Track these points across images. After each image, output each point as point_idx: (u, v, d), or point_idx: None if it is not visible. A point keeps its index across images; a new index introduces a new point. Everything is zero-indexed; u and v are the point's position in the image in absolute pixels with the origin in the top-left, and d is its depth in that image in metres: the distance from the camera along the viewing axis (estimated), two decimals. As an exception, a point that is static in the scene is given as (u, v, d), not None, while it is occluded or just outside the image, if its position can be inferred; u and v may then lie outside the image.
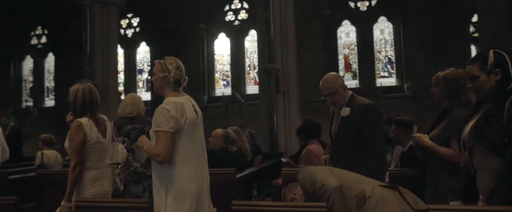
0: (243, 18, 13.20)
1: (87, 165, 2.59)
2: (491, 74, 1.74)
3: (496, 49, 1.77)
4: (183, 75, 2.40)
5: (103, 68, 7.84)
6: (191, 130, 2.32)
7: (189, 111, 2.33)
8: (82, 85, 2.70)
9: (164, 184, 2.26)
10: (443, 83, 2.37)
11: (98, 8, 7.76)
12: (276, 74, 7.42)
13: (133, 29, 14.16)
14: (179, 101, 2.31)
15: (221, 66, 13.46)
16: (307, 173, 2.20)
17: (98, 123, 2.65)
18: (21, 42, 14.61)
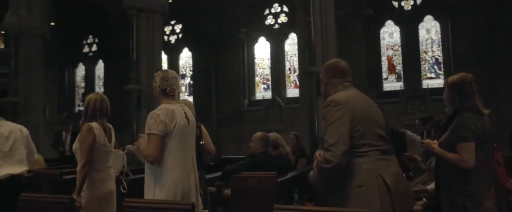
0: (282, 21, 13.19)
1: (94, 166, 2.85)
2: None
3: None
4: (170, 85, 2.59)
5: (149, 74, 8.15)
6: (180, 135, 2.51)
7: (179, 117, 2.52)
8: (95, 95, 3.05)
9: (153, 183, 2.49)
10: (448, 88, 2.38)
11: (144, 16, 8.11)
12: (317, 77, 7.33)
13: (176, 36, 14.62)
14: (170, 108, 2.52)
15: (261, 70, 13.52)
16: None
17: (105, 129, 2.95)
18: (74, 51, 15.62)
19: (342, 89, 2.14)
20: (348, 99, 2.03)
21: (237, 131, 11.99)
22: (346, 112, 1.96)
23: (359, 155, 1.94)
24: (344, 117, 1.95)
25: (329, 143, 1.91)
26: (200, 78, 13.58)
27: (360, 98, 2.11)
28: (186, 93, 14.32)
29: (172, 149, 2.47)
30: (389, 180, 1.91)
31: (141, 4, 8.02)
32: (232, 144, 11.82)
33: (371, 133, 1.99)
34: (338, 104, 1.99)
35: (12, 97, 9.75)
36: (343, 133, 1.92)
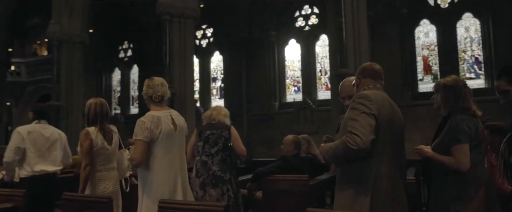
0: (313, 23, 13.09)
1: (95, 167, 3.03)
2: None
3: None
4: (154, 92, 2.76)
5: (181, 78, 8.34)
6: (166, 140, 2.66)
7: (165, 123, 2.68)
8: (95, 99, 3.17)
9: (142, 185, 2.68)
10: (443, 89, 2.38)
11: (176, 22, 8.30)
12: (349, 79, 7.22)
13: (207, 39, 14.86)
14: (156, 115, 2.69)
15: (292, 72, 13.47)
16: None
17: (105, 132, 3.08)
18: (111, 56, 16.27)
19: (374, 89, 2.21)
20: (378, 99, 2.08)
21: (268, 134, 12.00)
22: (376, 108, 2.01)
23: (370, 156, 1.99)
24: (373, 112, 2.00)
25: (358, 129, 1.95)
26: (231, 82, 13.71)
27: (387, 102, 2.15)
28: (217, 97, 14.50)
29: (158, 154, 2.63)
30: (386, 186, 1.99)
31: (173, 10, 8.21)
32: (263, 147, 11.84)
33: (388, 137, 2.04)
34: (370, 100, 2.03)
35: (54, 101, 10.27)
36: (371, 123, 1.97)
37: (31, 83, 17.04)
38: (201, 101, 14.11)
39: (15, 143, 3.51)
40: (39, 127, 3.67)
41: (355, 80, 2.33)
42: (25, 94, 17.12)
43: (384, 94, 2.19)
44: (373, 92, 2.13)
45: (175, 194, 2.67)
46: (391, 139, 2.06)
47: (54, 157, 3.69)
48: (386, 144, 2.03)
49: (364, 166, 2.00)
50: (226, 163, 3.47)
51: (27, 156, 3.51)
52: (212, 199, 3.35)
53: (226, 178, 3.40)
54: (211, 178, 3.39)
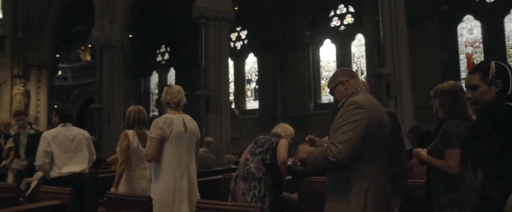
0: (349, 22, 12.84)
1: (130, 166, 3.30)
2: (492, 85, 1.73)
3: (498, 61, 1.75)
4: (172, 98, 3.06)
5: (216, 80, 8.45)
6: (176, 140, 2.94)
7: (176, 125, 2.96)
8: (135, 107, 3.53)
9: (154, 176, 2.98)
10: (440, 95, 2.40)
11: (211, 25, 8.43)
12: (387, 79, 6.99)
13: (241, 42, 14.99)
14: (169, 117, 2.99)
15: (327, 73, 13.27)
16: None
17: (141, 136, 3.38)
18: (149, 60, 16.82)
19: (362, 92, 2.11)
20: (370, 105, 1.99)
21: (303, 135, 11.68)
22: (366, 116, 1.93)
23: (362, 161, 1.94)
24: (363, 121, 1.92)
25: (340, 140, 1.90)
26: (266, 83, 13.73)
27: (378, 107, 2.07)
28: (252, 98, 14.58)
29: (168, 151, 2.93)
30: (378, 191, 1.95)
31: (209, 13, 8.35)
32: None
33: (379, 143, 1.99)
34: (360, 107, 1.94)
35: (97, 104, 10.75)
36: (356, 135, 1.90)
37: (76, 87, 17.97)
38: (235, 103, 14.25)
39: (42, 147, 3.70)
40: (64, 129, 3.83)
41: (338, 86, 2.18)
42: (71, 97, 18.09)
43: (374, 98, 2.13)
44: (365, 98, 2.03)
45: (180, 188, 2.91)
46: (382, 144, 2.00)
47: (81, 157, 3.86)
48: (377, 150, 1.97)
49: (354, 171, 1.93)
50: (264, 164, 3.55)
51: (54, 159, 3.70)
52: (239, 191, 3.44)
53: (257, 176, 3.46)
54: (244, 172, 3.51)
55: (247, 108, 14.29)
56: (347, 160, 1.89)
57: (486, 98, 1.74)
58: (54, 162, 3.70)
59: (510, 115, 1.59)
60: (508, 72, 1.73)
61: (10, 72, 12.08)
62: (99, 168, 6.09)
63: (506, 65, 1.75)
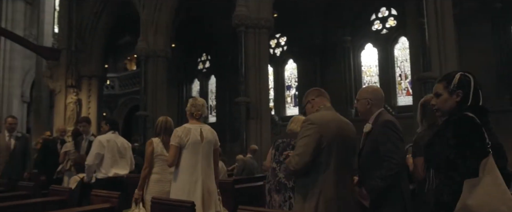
0: (391, 25, 12.46)
1: (153, 170, 3.59)
2: (453, 95, 1.83)
3: (464, 72, 1.86)
4: (196, 110, 3.37)
5: (256, 87, 8.50)
6: (192, 148, 3.25)
7: (193, 134, 3.27)
8: (163, 118, 3.85)
9: (173, 179, 3.30)
10: (419, 107, 2.65)
11: (251, 32, 8.51)
12: (434, 82, 6.68)
13: (281, 48, 15.01)
14: (188, 127, 3.31)
15: (369, 78, 12.94)
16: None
17: (165, 143, 3.63)
18: (190, 68, 17.30)
19: (322, 110, 2.49)
20: (322, 121, 2.35)
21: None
22: (317, 131, 2.29)
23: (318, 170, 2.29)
24: (314, 135, 2.28)
25: (296, 152, 2.31)
26: (306, 89, 13.41)
27: (333, 122, 2.39)
28: (292, 105, 14.51)
29: (185, 157, 3.24)
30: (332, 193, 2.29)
31: (248, 21, 8.45)
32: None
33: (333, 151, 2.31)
34: (312, 123, 2.32)
35: (142, 111, 11.20)
36: (309, 147, 2.27)
37: (123, 95, 18.86)
38: (276, 110, 14.25)
39: (96, 149, 4.09)
40: (114, 136, 4.27)
41: (307, 104, 2.61)
42: (118, 105, 19.00)
43: (331, 114, 2.46)
44: (319, 115, 2.42)
45: (195, 191, 3.19)
46: (337, 152, 2.32)
47: (124, 163, 4.29)
48: (331, 157, 2.31)
49: (311, 178, 2.31)
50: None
51: (104, 161, 4.10)
52: (276, 204, 3.41)
53: (289, 186, 3.40)
54: (276, 184, 3.47)
55: (287, 114, 14.25)
56: (304, 169, 2.27)
57: (447, 106, 1.85)
58: (103, 164, 4.10)
59: (466, 125, 1.69)
60: (471, 84, 1.82)
61: (65, 83, 12.90)
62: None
63: (472, 78, 1.84)
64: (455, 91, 1.82)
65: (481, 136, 1.64)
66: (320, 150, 2.28)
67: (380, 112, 2.46)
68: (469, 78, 1.84)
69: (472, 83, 1.82)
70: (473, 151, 1.63)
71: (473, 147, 1.64)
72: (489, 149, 1.62)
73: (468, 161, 1.63)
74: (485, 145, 1.63)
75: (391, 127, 2.33)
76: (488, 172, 1.58)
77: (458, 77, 1.84)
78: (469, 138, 1.66)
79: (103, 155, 4.10)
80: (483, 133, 1.65)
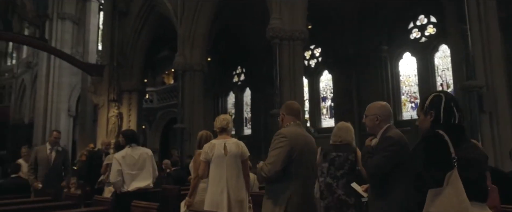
0: (430, 33, 12.05)
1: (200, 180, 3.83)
2: (427, 115, 1.98)
3: (439, 93, 2.01)
4: (216, 126, 3.69)
5: (291, 98, 8.44)
6: (217, 161, 3.52)
7: (217, 149, 3.54)
8: (204, 132, 4.16)
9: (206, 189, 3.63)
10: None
11: (285, 44, 8.53)
12: (479, 92, 6.34)
13: (315, 59, 14.91)
14: (213, 142, 3.62)
15: (408, 88, 12.52)
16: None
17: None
18: (226, 81, 17.56)
19: (292, 126, 2.81)
20: (292, 135, 2.69)
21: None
22: (288, 144, 2.63)
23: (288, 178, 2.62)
24: (285, 147, 2.62)
25: (269, 161, 2.63)
26: (341, 100, 13.40)
27: (302, 137, 2.76)
28: (327, 116, 14.30)
29: (212, 170, 3.54)
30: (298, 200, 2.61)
31: (283, 33, 8.48)
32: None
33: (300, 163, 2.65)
34: (284, 137, 2.66)
35: (179, 124, 11.47)
36: (280, 158, 2.60)
37: (161, 108, 19.43)
38: (311, 121, 14.10)
39: (115, 167, 4.24)
40: (130, 150, 4.33)
41: (280, 115, 2.94)
42: (156, 118, 19.59)
43: (299, 130, 2.80)
44: (290, 130, 2.75)
45: (222, 201, 3.44)
46: (303, 164, 2.67)
47: (146, 174, 4.36)
48: (299, 168, 2.64)
49: (282, 184, 2.62)
50: (351, 187, 3.34)
51: (124, 176, 4.22)
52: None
53: (350, 202, 3.28)
54: (335, 201, 3.32)
55: (323, 126, 14.04)
56: (275, 176, 2.60)
57: (424, 126, 2.02)
58: (124, 179, 4.22)
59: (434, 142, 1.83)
60: (442, 103, 1.94)
61: (107, 97, 13.51)
62: (183, 185, 6.42)
63: (443, 96, 1.97)
64: (428, 112, 1.98)
65: (447, 151, 1.77)
66: (290, 160, 2.61)
67: (387, 127, 2.57)
68: (441, 98, 1.97)
69: (443, 102, 1.95)
70: (438, 165, 1.77)
71: (439, 161, 1.78)
72: (454, 163, 1.74)
73: (434, 174, 1.77)
74: (451, 159, 1.75)
75: (389, 142, 2.44)
76: (451, 183, 1.72)
77: (430, 98, 2.00)
78: (436, 153, 1.81)
79: (121, 170, 4.21)
80: (449, 148, 1.77)
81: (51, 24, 19.01)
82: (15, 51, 25.53)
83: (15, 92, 24.08)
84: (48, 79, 19.11)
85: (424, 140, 1.90)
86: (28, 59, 22.67)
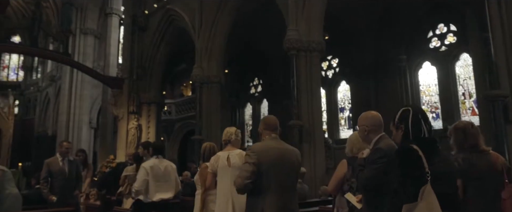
0: (451, 42, 11.82)
1: (209, 192, 3.90)
2: (398, 130, 2.08)
3: (407, 107, 2.10)
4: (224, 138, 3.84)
5: (309, 110, 8.41)
6: (221, 172, 3.68)
7: (221, 160, 3.69)
8: (208, 144, 4.25)
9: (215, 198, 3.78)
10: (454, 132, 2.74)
11: (302, 56, 8.53)
12: (504, 101, 6.15)
13: (333, 70, 14.82)
14: (218, 154, 3.79)
15: (428, 98, 12.27)
16: None
17: None
18: (243, 92, 17.63)
19: (267, 140, 2.94)
20: (262, 149, 2.83)
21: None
22: (256, 158, 2.75)
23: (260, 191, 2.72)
24: (253, 161, 2.74)
25: (239, 175, 2.78)
26: (360, 111, 12.97)
27: (274, 150, 2.84)
28: (346, 127, 14.12)
29: (218, 181, 3.70)
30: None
31: (300, 45, 8.49)
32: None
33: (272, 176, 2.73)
34: (253, 152, 2.79)
35: (197, 136, 11.54)
36: (248, 171, 2.72)
37: (179, 120, 19.61)
38: (329, 133, 13.94)
39: (142, 176, 4.35)
40: (158, 161, 4.45)
41: (259, 130, 3.07)
42: (174, 130, 19.77)
43: (273, 143, 2.90)
44: (261, 145, 2.92)
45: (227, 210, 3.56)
46: (276, 177, 2.74)
47: (169, 186, 4.49)
48: (271, 180, 2.73)
49: (255, 198, 2.74)
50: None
51: (149, 187, 4.32)
52: None
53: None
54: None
55: (341, 137, 13.86)
56: (244, 189, 2.73)
57: (397, 140, 2.11)
58: (148, 189, 4.32)
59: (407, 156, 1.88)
60: (409, 117, 2.03)
61: (127, 109, 13.77)
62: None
63: (411, 110, 2.06)
64: (399, 126, 2.08)
65: (420, 166, 1.82)
66: (259, 173, 2.72)
67: (379, 138, 2.56)
68: (409, 111, 2.06)
69: (411, 115, 2.03)
70: (413, 180, 1.82)
71: (413, 177, 1.83)
72: (427, 178, 1.79)
73: (408, 189, 1.81)
74: (424, 174, 1.80)
75: (379, 154, 2.42)
76: (425, 198, 1.76)
77: (400, 112, 2.11)
78: (410, 168, 1.85)
79: (147, 180, 4.32)
80: (423, 163, 1.82)
81: (74, 39, 19.63)
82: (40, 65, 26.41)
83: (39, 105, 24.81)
84: (71, 92, 19.66)
85: (398, 155, 1.93)
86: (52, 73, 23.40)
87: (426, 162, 1.82)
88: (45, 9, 19.54)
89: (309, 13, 8.71)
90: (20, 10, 24.78)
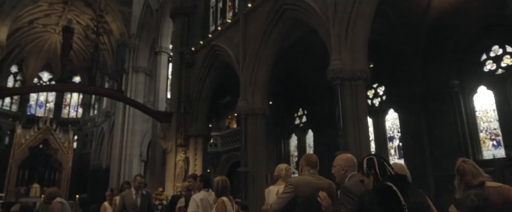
0: (508, 64, 11.13)
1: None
2: (369, 176, 2.37)
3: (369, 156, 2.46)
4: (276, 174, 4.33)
5: (356, 140, 8.16)
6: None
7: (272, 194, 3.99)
8: (219, 178, 4.25)
9: None
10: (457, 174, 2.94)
11: (347, 85, 8.40)
12: None
13: (379, 98, 14.42)
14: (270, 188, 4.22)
15: (486, 124, 11.46)
16: None
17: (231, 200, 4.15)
18: (288, 123, 17.58)
19: (305, 175, 3.25)
20: (299, 183, 3.12)
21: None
22: (293, 190, 3.04)
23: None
24: (290, 193, 3.03)
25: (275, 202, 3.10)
26: (410, 140, 12.61)
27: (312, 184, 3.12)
28: (396, 157, 13.48)
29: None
30: None
31: (344, 74, 8.39)
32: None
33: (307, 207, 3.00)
34: (291, 184, 3.08)
35: (243, 168, 11.56)
36: (284, 201, 3.02)
37: (225, 152, 19.85)
38: (378, 163, 13.36)
39: (193, 208, 4.46)
40: (207, 194, 4.56)
41: (300, 165, 3.38)
42: (220, 162, 19.98)
43: (311, 178, 3.20)
44: (299, 178, 3.25)
45: None
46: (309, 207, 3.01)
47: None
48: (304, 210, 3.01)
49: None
50: None
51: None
52: None
53: None
54: None
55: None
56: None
57: (370, 186, 2.31)
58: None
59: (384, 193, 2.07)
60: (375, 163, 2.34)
61: (175, 142, 14.20)
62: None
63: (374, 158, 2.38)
64: (369, 173, 2.35)
65: (397, 200, 2.02)
66: (294, 204, 3.01)
67: (350, 176, 2.96)
68: (373, 159, 2.39)
69: (375, 162, 2.35)
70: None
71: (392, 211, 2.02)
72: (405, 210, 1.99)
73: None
74: (402, 207, 2.00)
75: (345, 192, 2.72)
76: None
77: (365, 162, 2.40)
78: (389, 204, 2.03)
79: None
80: (399, 197, 2.02)
81: (127, 77, 20.94)
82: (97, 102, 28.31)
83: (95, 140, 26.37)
84: (123, 127, 20.74)
85: (377, 193, 2.12)
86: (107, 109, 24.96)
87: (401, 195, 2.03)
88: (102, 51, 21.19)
89: (353, 41, 8.66)
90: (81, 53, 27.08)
